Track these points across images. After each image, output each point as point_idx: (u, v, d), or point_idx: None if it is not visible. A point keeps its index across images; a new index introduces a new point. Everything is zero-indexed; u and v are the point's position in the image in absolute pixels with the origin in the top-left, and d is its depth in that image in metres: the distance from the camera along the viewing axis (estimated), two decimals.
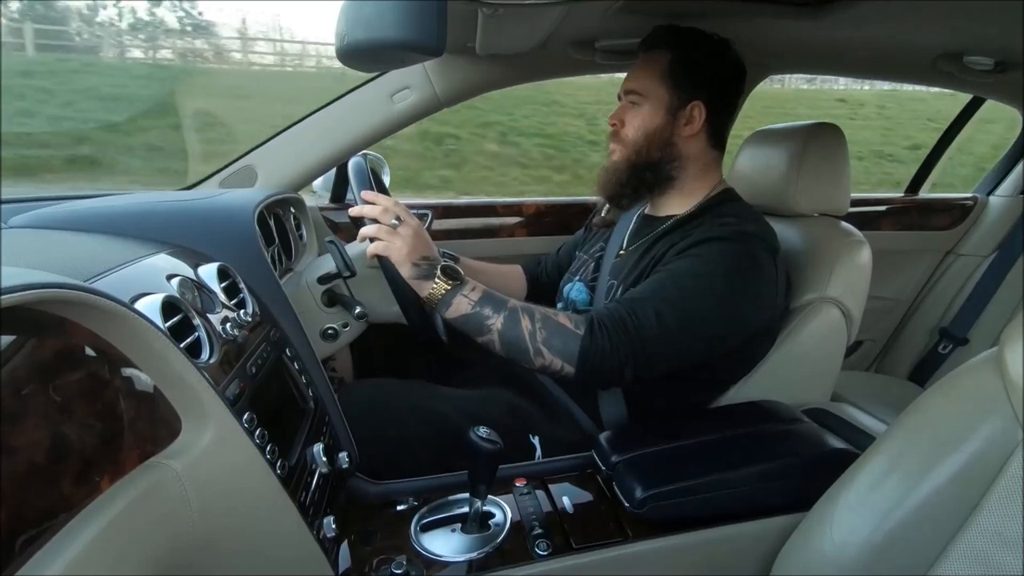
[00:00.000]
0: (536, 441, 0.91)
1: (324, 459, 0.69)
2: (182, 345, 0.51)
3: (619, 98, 0.95)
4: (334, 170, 1.30)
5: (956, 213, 1.72)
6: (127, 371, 0.45)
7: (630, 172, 0.91)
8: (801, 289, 0.96)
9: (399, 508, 0.77)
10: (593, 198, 1.47)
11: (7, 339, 0.37)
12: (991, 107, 1.58)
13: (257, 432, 0.56)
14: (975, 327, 1.63)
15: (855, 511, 0.59)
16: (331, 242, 0.94)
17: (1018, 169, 1.69)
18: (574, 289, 1.02)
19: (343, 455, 0.77)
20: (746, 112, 1.35)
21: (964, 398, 0.56)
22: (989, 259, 1.68)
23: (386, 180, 1.33)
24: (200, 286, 0.66)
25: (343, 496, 0.77)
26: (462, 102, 1.24)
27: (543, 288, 1.17)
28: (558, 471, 0.85)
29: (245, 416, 0.55)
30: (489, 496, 0.74)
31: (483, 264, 1.13)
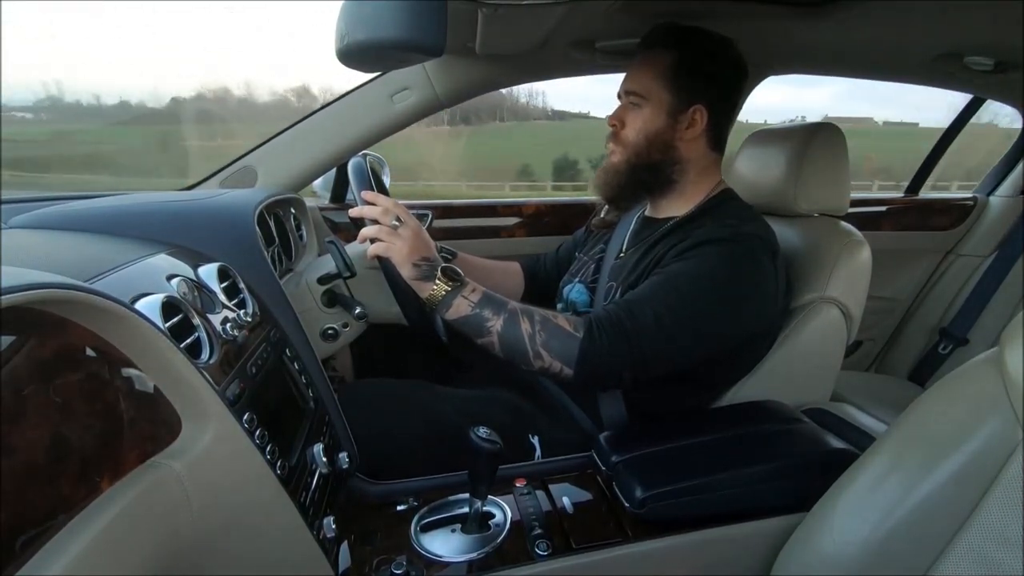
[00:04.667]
0: (536, 441, 0.91)
1: (324, 459, 0.69)
2: (182, 345, 0.51)
3: (619, 97, 0.95)
4: (334, 170, 1.30)
5: (956, 213, 1.73)
6: (127, 371, 0.45)
7: (629, 174, 0.91)
8: (801, 289, 0.96)
9: (399, 508, 0.77)
10: (593, 199, 1.47)
11: (7, 339, 0.37)
12: None
13: (257, 432, 0.56)
14: (975, 327, 1.63)
15: (855, 511, 0.59)
16: (331, 242, 0.94)
17: (1018, 169, 1.69)
18: (574, 290, 1.02)
19: (343, 455, 0.77)
20: None
21: (964, 398, 0.56)
22: (989, 259, 1.68)
23: (386, 180, 1.33)
24: (200, 286, 0.66)
25: (343, 496, 0.77)
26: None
27: (540, 285, 1.17)
28: (558, 471, 0.85)
29: (245, 416, 0.55)
30: (489, 496, 0.74)
31: (481, 260, 1.13)
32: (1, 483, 0.34)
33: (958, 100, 1.63)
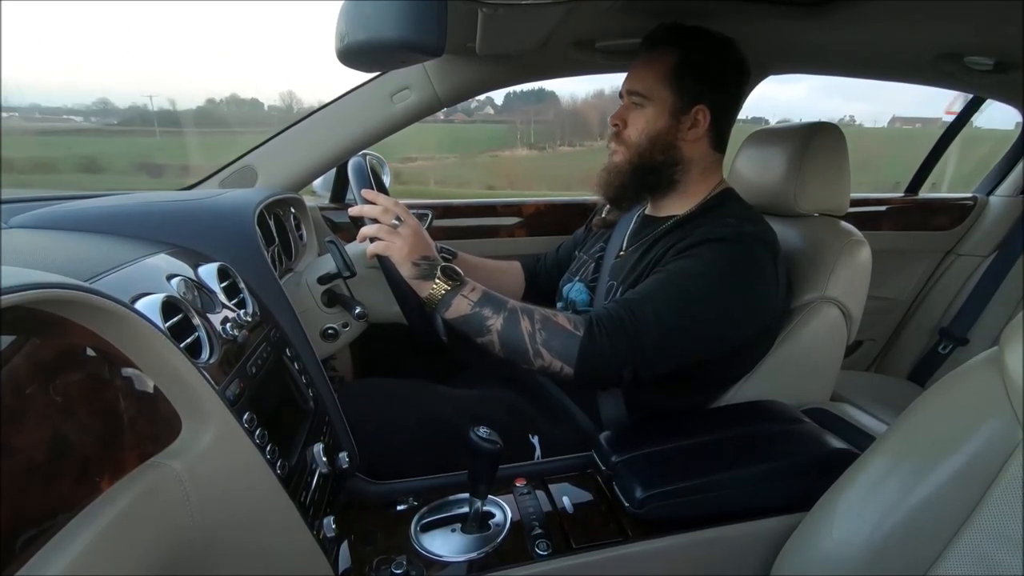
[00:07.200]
0: (536, 441, 0.91)
1: (324, 459, 0.69)
2: (182, 345, 0.51)
3: (621, 96, 0.95)
4: (334, 170, 1.30)
5: (956, 213, 1.73)
6: (127, 371, 0.45)
7: (632, 175, 0.91)
8: (801, 289, 0.96)
9: (399, 508, 0.77)
10: (593, 198, 1.47)
11: (7, 339, 0.37)
12: None
13: (257, 432, 0.56)
14: (975, 327, 1.63)
15: (855, 511, 0.59)
16: (331, 242, 0.94)
17: (1018, 169, 1.69)
18: (574, 289, 1.02)
19: (343, 455, 0.77)
20: None
21: (964, 398, 0.56)
22: (989, 259, 1.68)
23: (386, 180, 1.33)
24: (200, 286, 0.66)
25: (343, 496, 0.77)
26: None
27: (541, 285, 1.17)
28: (558, 471, 0.85)
29: (245, 416, 0.55)
30: (489, 496, 0.74)
31: (481, 260, 1.13)
32: (1, 483, 0.34)
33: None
